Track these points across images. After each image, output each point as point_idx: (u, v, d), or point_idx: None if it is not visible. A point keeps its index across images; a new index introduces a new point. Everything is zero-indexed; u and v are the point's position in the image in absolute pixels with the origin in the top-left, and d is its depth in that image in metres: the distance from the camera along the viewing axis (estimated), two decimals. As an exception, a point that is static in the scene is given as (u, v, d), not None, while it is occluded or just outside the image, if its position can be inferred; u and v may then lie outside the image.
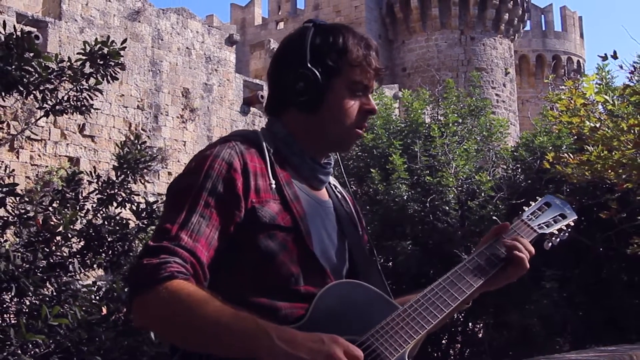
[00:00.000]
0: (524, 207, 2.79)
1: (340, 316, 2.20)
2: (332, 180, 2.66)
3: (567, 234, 2.80)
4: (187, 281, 2.08)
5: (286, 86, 2.46)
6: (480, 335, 17.34)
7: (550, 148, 16.08)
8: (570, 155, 10.14)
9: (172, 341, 2.24)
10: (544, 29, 57.31)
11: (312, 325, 2.12)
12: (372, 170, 16.87)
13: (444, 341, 16.89)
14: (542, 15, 57.56)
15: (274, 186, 2.34)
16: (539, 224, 2.70)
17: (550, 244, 2.75)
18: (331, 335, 1.99)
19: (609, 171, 9.33)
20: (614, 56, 9.87)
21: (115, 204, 6.61)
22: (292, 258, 2.30)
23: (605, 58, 10.02)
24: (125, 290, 5.51)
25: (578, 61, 57.89)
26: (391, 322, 2.22)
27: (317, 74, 2.41)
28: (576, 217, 2.82)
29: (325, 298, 2.22)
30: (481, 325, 17.44)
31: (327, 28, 2.53)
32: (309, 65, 2.42)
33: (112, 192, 6.60)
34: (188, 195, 2.25)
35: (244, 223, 2.27)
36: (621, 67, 12.51)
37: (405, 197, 16.24)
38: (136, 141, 6.87)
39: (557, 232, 2.75)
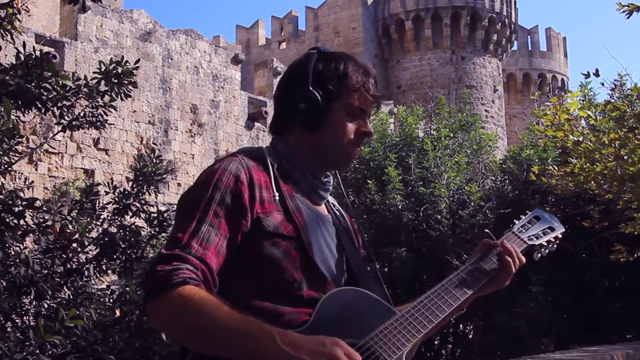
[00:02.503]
0: (514, 221, 2.80)
1: (341, 321, 2.21)
2: (330, 199, 2.68)
3: (555, 246, 2.82)
4: (198, 287, 2.12)
5: (290, 106, 2.49)
6: (470, 336, 17.31)
7: (536, 161, 16.08)
8: (555, 167, 10.14)
9: (183, 343, 2.26)
10: (530, 48, 57.37)
11: (315, 329, 2.13)
12: (369, 181, 16.88)
13: (436, 342, 16.85)
14: (529, 36, 57.63)
15: (277, 198, 2.37)
16: (529, 236, 2.72)
17: (539, 255, 2.77)
18: (333, 338, 2.02)
19: (592, 182, 9.32)
20: (596, 74, 9.87)
21: (130, 214, 6.63)
22: (295, 265, 2.32)
23: (588, 76, 10.02)
24: (138, 293, 5.52)
25: (562, 79, 57.94)
26: (389, 327, 2.24)
27: (318, 96, 2.44)
28: (564, 230, 2.84)
29: (327, 304, 2.24)
30: (471, 326, 17.42)
31: (330, 55, 2.57)
32: (310, 87, 2.45)
33: (128, 202, 6.61)
34: (198, 206, 2.28)
35: (250, 232, 2.30)
36: (603, 84, 12.51)
37: (400, 207, 16.24)
38: (152, 154, 6.89)
39: (545, 244, 2.77)
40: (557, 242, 2.82)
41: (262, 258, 2.29)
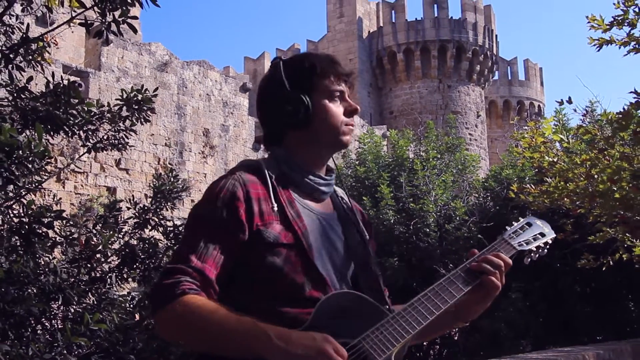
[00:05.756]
0: (506, 227, 2.68)
1: (336, 322, 2.17)
2: (339, 191, 2.67)
3: (546, 251, 2.69)
4: (197, 295, 2.13)
5: (277, 115, 2.46)
6: (456, 338, 17.30)
7: (515, 179, 16.12)
8: (532, 185, 10.15)
9: (189, 346, 2.25)
10: (509, 78, 57.43)
11: (312, 329, 2.11)
12: (364, 197, 16.93)
13: (424, 343, 16.86)
14: (509, 67, 57.71)
15: (275, 208, 2.33)
16: (519, 242, 2.60)
17: (529, 259, 2.65)
18: (323, 334, 2.01)
19: (565, 199, 9.34)
20: (569, 101, 9.87)
21: (149, 228, 6.62)
22: (296, 270, 2.29)
23: (562, 103, 10.02)
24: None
25: (539, 105, 58.02)
26: (380, 328, 2.20)
27: (299, 94, 2.41)
28: (555, 236, 2.73)
29: (324, 306, 2.20)
30: (456, 329, 17.42)
31: (293, 58, 2.56)
32: (289, 89, 2.43)
33: (147, 217, 6.60)
34: (198, 224, 2.30)
35: (251, 244, 2.28)
36: (575, 110, 12.56)
37: (392, 221, 16.29)
38: (170, 174, 6.89)
39: (535, 249, 2.65)
40: (548, 247, 2.70)
41: (266, 267, 2.27)
